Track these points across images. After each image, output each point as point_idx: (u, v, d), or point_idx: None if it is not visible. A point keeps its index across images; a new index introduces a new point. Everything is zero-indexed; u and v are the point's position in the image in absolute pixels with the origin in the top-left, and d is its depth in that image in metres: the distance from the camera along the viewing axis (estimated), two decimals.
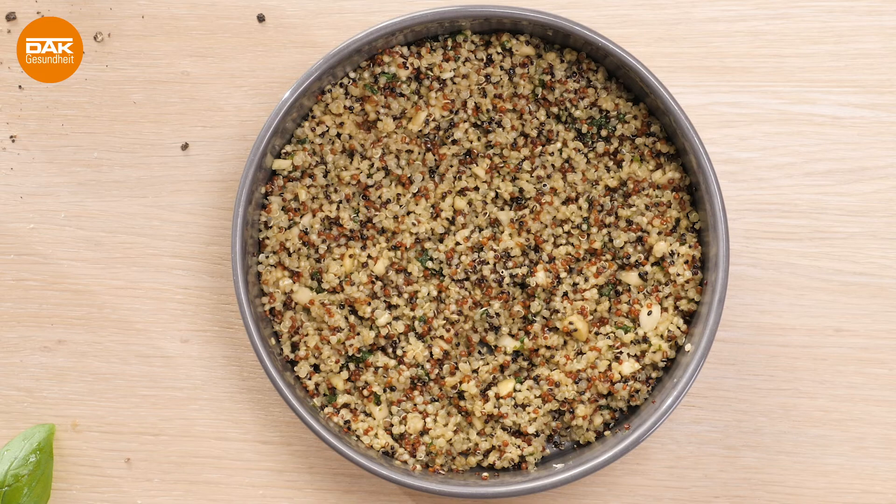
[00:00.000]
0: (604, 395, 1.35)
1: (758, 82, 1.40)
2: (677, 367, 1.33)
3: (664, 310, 1.35)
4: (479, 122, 1.36)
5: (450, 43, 1.36)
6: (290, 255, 1.35)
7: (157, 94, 1.41)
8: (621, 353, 1.35)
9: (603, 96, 1.35)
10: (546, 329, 1.36)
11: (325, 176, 1.36)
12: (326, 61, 1.31)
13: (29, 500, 1.34)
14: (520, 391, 1.35)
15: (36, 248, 1.41)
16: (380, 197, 1.36)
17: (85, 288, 1.41)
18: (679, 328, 1.35)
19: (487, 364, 1.36)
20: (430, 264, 1.35)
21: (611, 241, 1.36)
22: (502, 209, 1.36)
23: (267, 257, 1.36)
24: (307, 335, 1.35)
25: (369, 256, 1.36)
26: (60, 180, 1.41)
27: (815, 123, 1.40)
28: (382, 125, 1.34)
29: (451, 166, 1.36)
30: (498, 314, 1.35)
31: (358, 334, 1.35)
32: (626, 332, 1.35)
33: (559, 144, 1.36)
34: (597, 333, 1.36)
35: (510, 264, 1.34)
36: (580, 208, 1.36)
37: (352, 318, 1.35)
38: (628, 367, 1.34)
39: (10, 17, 1.42)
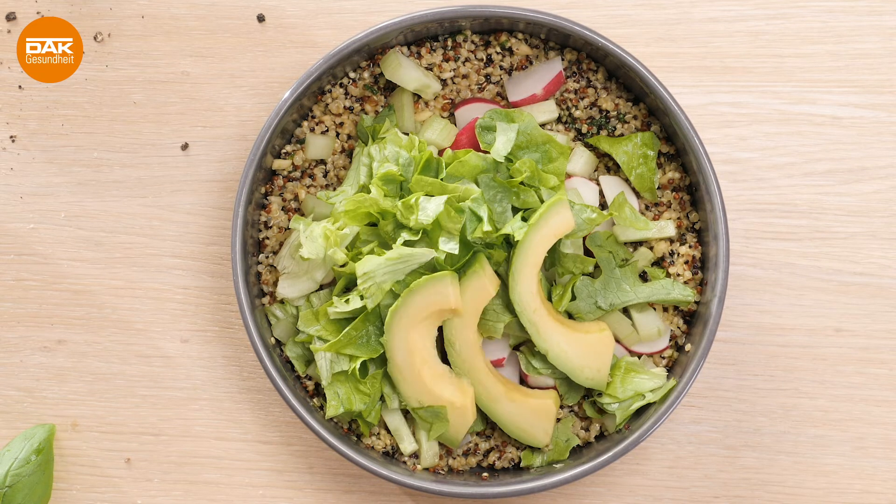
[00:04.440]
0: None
1: (758, 82, 1.40)
2: (677, 367, 1.33)
3: (664, 310, 1.35)
4: None
5: (450, 43, 1.36)
6: None
7: (157, 94, 1.41)
8: None
9: (603, 96, 1.36)
10: None
11: (324, 176, 1.36)
12: (326, 61, 1.31)
13: (29, 501, 1.34)
14: None
15: (36, 248, 1.41)
16: None
17: (85, 288, 1.41)
18: (679, 328, 1.35)
19: None
20: None
21: None
22: None
23: (267, 257, 1.36)
24: None
25: None
26: (60, 180, 1.41)
27: (815, 123, 1.40)
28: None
29: None
30: None
31: None
32: None
33: None
34: None
35: None
36: None
37: None
38: None
39: (10, 17, 1.42)
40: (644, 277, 1.35)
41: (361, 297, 1.28)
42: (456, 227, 1.26)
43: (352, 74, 1.36)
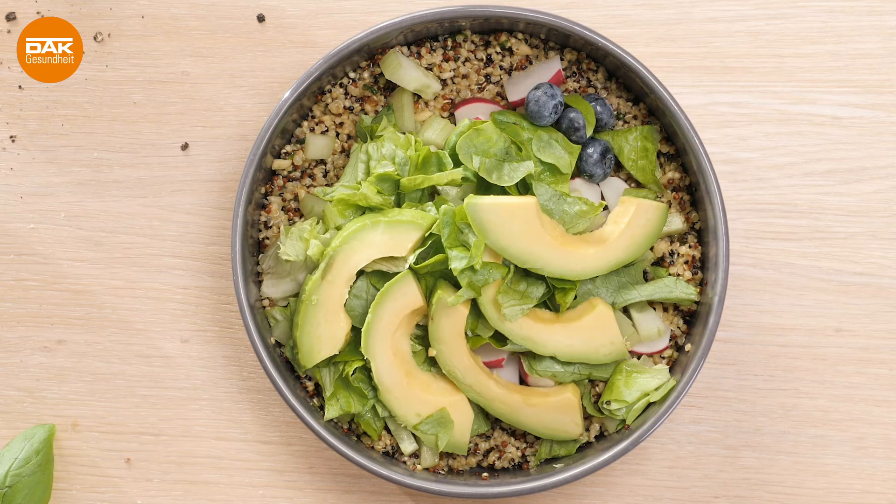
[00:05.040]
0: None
1: (758, 82, 1.40)
2: (677, 367, 1.33)
3: (665, 310, 1.35)
4: None
5: (450, 43, 1.36)
6: None
7: (157, 94, 1.41)
8: None
9: (603, 96, 1.35)
10: None
11: (324, 176, 1.36)
12: (326, 61, 1.31)
13: (29, 501, 1.34)
14: None
15: (36, 248, 1.41)
16: None
17: (85, 288, 1.41)
18: (679, 328, 1.35)
19: None
20: None
21: None
22: None
23: (267, 257, 1.36)
24: None
25: None
26: (60, 180, 1.41)
27: (815, 123, 1.40)
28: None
29: None
30: None
31: None
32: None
33: None
34: None
35: None
36: None
37: None
38: None
39: (10, 17, 1.42)
40: (646, 277, 1.35)
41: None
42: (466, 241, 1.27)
43: (352, 74, 1.36)
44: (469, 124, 1.29)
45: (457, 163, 1.30)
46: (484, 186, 1.30)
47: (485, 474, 1.34)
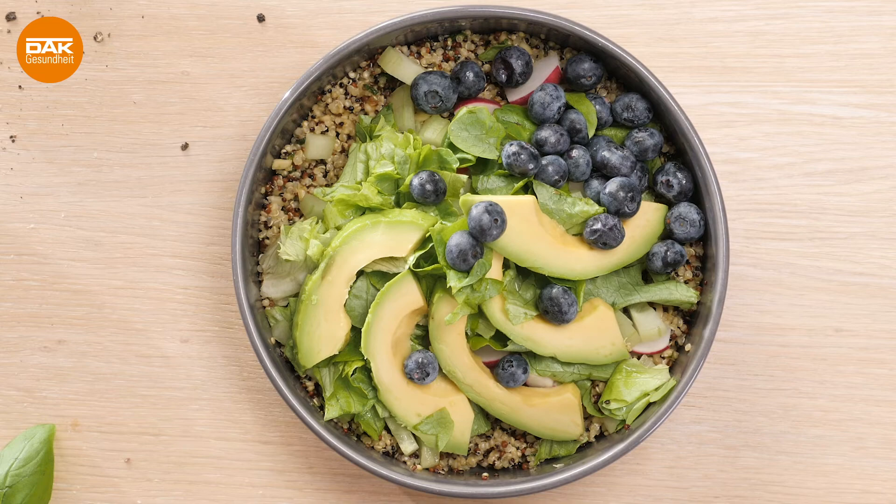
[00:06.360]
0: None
1: (758, 82, 1.40)
2: (677, 367, 1.33)
3: (665, 310, 1.35)
4: None
5: (450, 43, 1.36)
6: None
7: (157, 94, 1.41)
8: None
9: (602, 95, 1.35)
10: None
11: (324, 176, 1.36)
12: (326, 61, 1.31)
13: (29, 501, 1.34)
14: None
15: (36, 248, 1.41)
16: None
17: (85, 288, 1.41)
18: (679, 328, 1.35)
19: None
20: None
21: None
22: None
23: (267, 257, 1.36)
24: None
25: None
26: (60, 180, 1.41)
27: (815, 123, 1.40)
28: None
29: None
30: None
31: None
32: None
33: None
34: None
35: None
36: None
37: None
38: None
39: (10, 17, 1.42)
40: (646, 278, 1.35)
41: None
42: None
43: (352, 74, 1.36)
44: (465, 111, 1.29)
45: (454, 152, 1.30)
46: (480, 170, 1.30)
47: (485, 474, 1.34)
